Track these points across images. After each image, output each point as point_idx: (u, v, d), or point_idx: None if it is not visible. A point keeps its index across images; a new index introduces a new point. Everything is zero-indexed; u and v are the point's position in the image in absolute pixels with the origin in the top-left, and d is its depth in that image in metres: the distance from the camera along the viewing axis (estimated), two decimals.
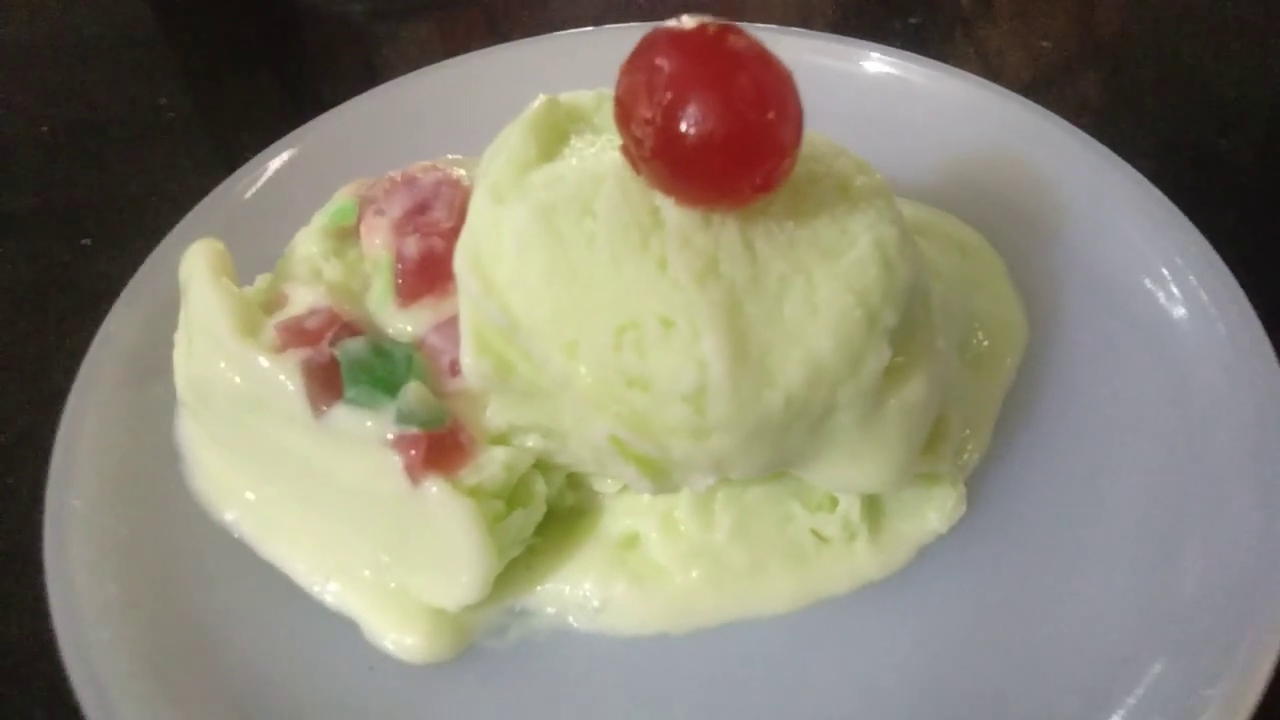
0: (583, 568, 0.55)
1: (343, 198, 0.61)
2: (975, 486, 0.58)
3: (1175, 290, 0.63)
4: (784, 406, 0.45)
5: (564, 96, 0.53)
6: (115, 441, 0.58)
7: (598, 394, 0.45)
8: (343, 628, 0.54)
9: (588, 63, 0.58)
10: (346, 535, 0.54)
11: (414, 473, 0.49)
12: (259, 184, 0.71)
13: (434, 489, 0.49)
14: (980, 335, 0.63)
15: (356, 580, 0.54)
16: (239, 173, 0.71)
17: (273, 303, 0.56)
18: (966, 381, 0.60)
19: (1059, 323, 0.65)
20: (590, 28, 0.86)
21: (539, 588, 0.55)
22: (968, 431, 0.59)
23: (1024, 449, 0.60)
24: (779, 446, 0.47)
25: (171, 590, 0.54)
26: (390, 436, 0.50)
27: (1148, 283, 0.64)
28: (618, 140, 0.46)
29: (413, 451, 0.49)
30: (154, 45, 1.06)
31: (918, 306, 0.50)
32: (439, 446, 0.50)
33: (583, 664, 0.53)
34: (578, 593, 0.54)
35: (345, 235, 0.59)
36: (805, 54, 0.77)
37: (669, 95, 0.42)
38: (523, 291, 0.46)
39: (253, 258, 0.61)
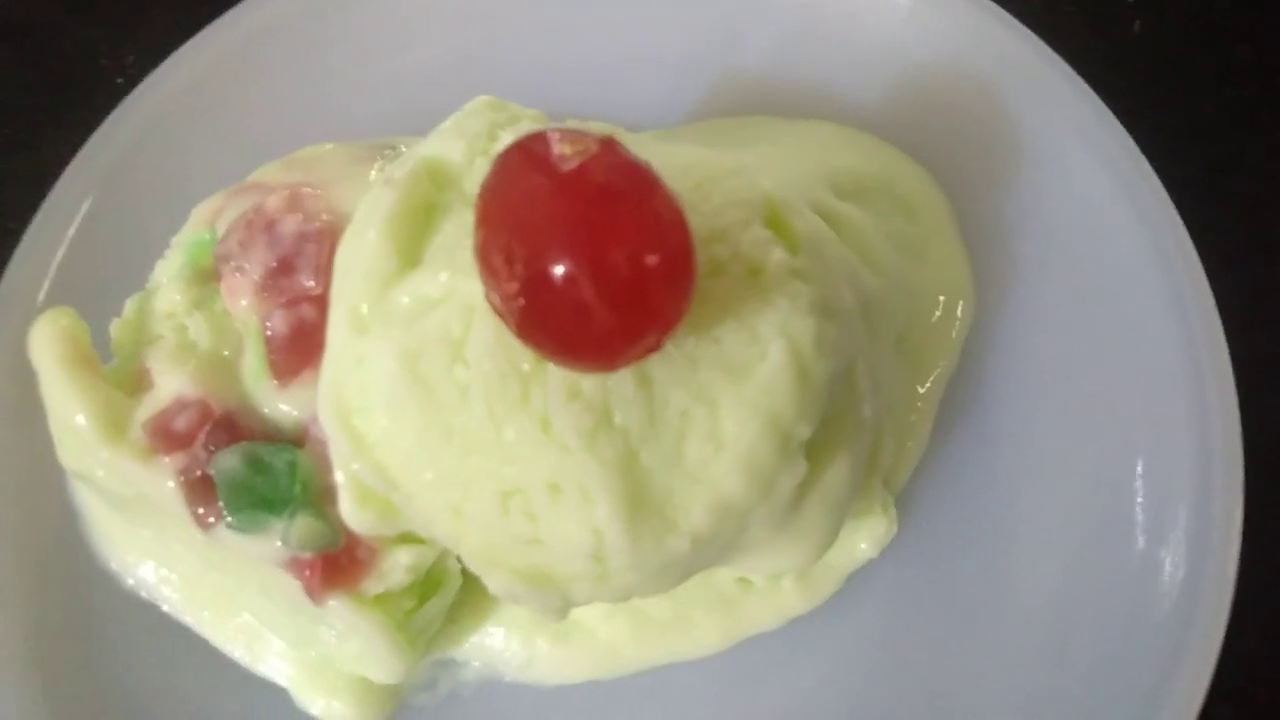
0: (505, 625, 0.54)
1: (197, 229, 0.53)
2: (908, 493, 0.57)
3: (1126, 261, 0.57)
4: (690, 548, 0.42)
5: (426, 151, 0.45)
6: (10, 513, 0.56)
7: (490, 554, 0.42)
8: (270, 691, 0.54)
9: None
10: (261, 612, 0.53)
11: (314, 594, 0.47)
12: (109, 165, 0.62)
13: (336, 605, 0.48)
14: (922, 318, 0.58)
15: (277, 648, 0.54)
16: (88, 148, 0.62)
17: (137, 381, 0.51)
18: (902, 385, 0.56)
19: (1008, 281, 0.60)
20: None
21: (465, 641, 0.54)
22: (908, 444, 0.56)
23: (962, 445, 0.57)
24: (688, 571, 0.45)
25: (85, 657, 0.54)
26: (283, 557, 0.47)
27: (1104, 246, 0.58)
28: None
29: (308, 573, 0.47)
30: None
31: (841, 388, 0.46)
32: (335, 566, 0.47)
33: (514, 713, 0.54)
34: (503, 648, 0.54)
35: (206, 278, 0.52)
36: None
37: (532, 270, 0.35)
38: (396, 453, 0.41)
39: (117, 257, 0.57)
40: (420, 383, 0.40)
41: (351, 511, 0.44)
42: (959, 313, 0.59)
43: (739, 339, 0.41)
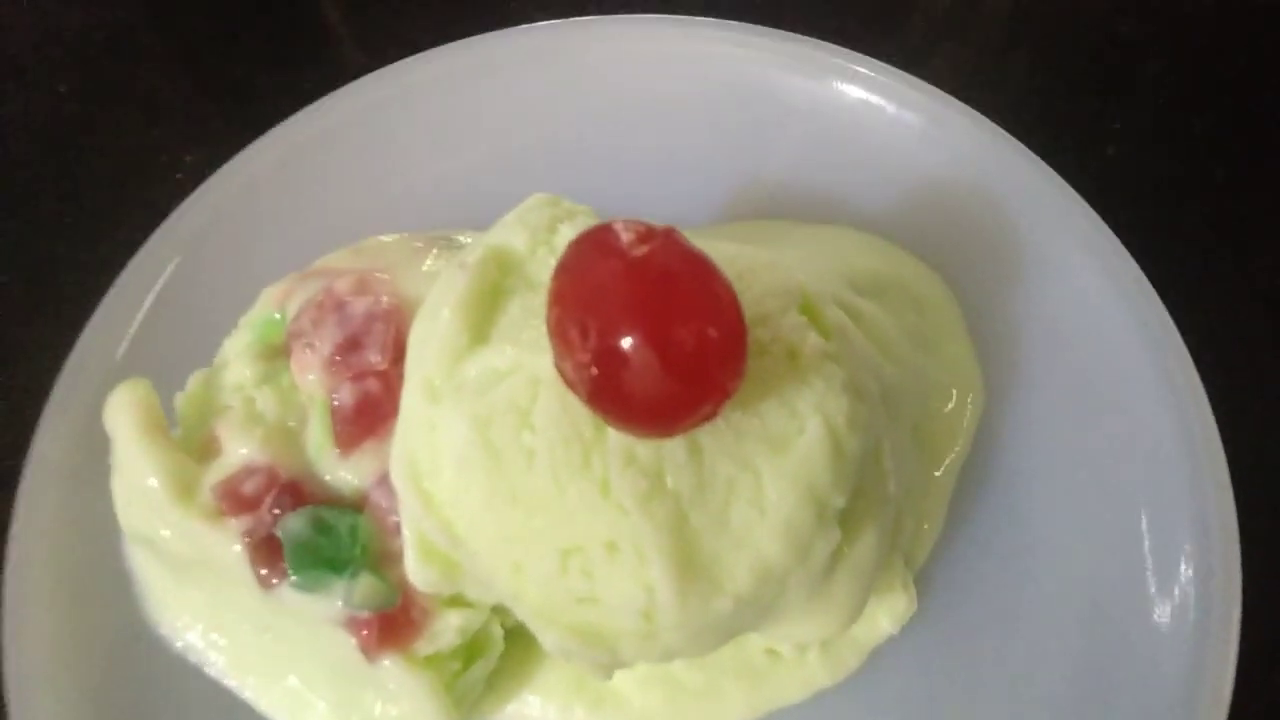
0: (543, 692, 0.56)
1: (267, 308, 0.57)
2: (925, 574, 0.60)
3: (1122, 352, 0.62)
4: (732, 608, 0.45)
5: (493, 240, 0.49)
6: (66, 575, 0.58)
7: (547, 610, 0.45)
8: None
9: None
10: (307, 675, 0.55)
11: (369, 653, 0.50)
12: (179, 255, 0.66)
13: (389, 664, 0.50)
14: (935, 408, 0.62)
15: (320, 713, 0.56)
16: (157, 237, 0.67)
17: (203, 449, 0.54)
18: (919, 470, 0.60)
19: (1014, 373, 0.64)
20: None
21: (504, 708, 0.56)
22: (926, 526, 0.59)
23: (975, 528, 0.60)
24: (728, 633, 0.47)
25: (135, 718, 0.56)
26: (342, 616, 0.50)
27: (1101, 341, 0.63)
28: None
29: (365, 632, 0.50)
30: None
31: (869, 464, 0.49)
32: (391, 626, 0.50)
33: None
34: (540, 715, 0.56)
35: (275, 354, 0.56)
36: (763, 64, 0.72)
37: (604, 343, 0.39)
38: (463, 512, 0.44)
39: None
40: (490, 447, 0.43)
41: (416, 568, 0.46)
42: (969, 403, 0.63)
43: (780, 415, 0.45)
